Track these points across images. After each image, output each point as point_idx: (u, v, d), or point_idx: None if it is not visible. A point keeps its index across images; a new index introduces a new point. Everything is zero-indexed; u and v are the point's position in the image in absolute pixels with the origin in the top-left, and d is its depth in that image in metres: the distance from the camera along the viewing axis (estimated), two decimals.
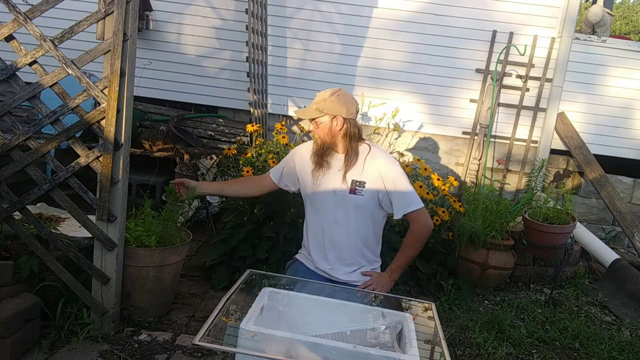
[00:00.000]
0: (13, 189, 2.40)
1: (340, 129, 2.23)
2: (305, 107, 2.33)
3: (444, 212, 3.56)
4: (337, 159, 2.28)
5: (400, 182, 2.25)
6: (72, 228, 2.65)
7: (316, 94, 2.29)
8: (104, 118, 2.34)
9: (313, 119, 2.26)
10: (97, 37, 2.37)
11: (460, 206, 3.72)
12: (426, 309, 1.93)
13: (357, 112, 2.30)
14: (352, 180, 2.25)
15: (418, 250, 2.34)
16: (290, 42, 4.89)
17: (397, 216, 2.26)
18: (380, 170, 2.24)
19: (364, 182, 2.24)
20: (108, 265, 2.47)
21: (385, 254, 2.61)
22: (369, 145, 2.31)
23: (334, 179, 2.27)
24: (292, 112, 4.96)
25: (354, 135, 2.25)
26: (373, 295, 2.16)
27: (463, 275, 3.68)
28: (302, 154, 2.39)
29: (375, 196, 2.25)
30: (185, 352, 2.45)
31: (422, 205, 2.28)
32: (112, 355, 2.34)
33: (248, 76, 4.10)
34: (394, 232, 3.33)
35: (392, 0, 4.79)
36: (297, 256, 2.44)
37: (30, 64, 2.32)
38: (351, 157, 2.24)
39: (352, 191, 2.24)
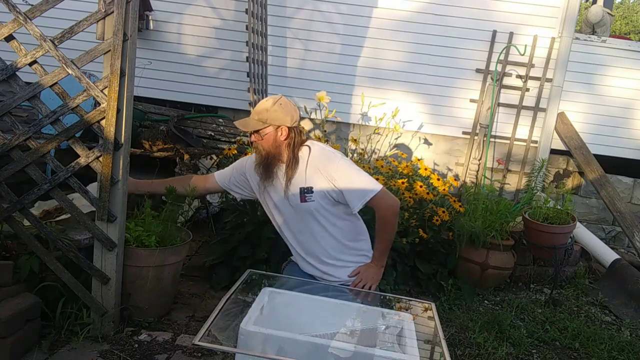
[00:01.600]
0: (13, 189, 2.40)
1: (286, 139, 2.15)
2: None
3: (444, 212, 3.56)
4: (282, 169, 2.21)
5: (347, 175, 2.16)
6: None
7: (257, 105, 2.18)
8: (104, 118, 2.34)
9: (256, 131, 2.16)
10: (97, 37, 2.37)
11: (460, 206, 3.72)
12: (426, 309, 1.93)
13: (300, 118, 2.23)
14: (300, 189, 2.17)
15: (392, 232, 2.25)
16: (290, 42, 4.88)
17: (357, 209, 2.16)
18: (323, 172, 2.15)
19: (311, 187, 2.15)
20: (108, 265, 2.47)
21: None
22: (309, 147, 2.21)
23: (282, 190, 2.21)
24: None
25: (297, 144, 2.18)
26: (373, 294, 2.16)
27: (463, 275, 3.68)
28: (250, 166, 2.33)
29: (326, 197, 2.16)
30: (185, 352, 2.45)
31: (379, 188, 2.15)
32: (112, 355, 2.34)
33: (248, 76, 4.10)
34: None
35: (392, 0, 4.79)
36: (291, 257, 2.43)
37: (30, 64, 2.32)
38: (292, 165, 2.17)
39: (303, 199, 2.16)
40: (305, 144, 2.22)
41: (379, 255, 2.25)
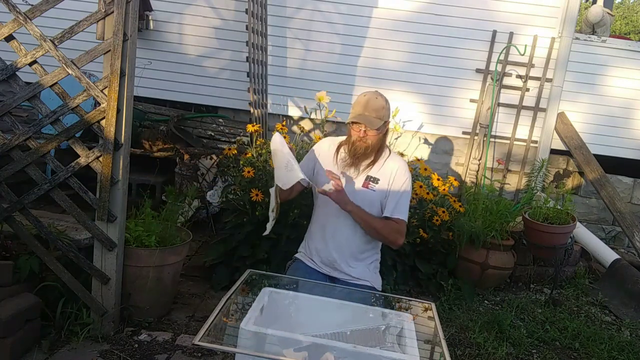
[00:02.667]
0: (13, 189, 2.40)
1: (386, 133, 2.30)
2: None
3: (444, 212, 3.55)
4: (367, 159, 2.29)
5: (403, 189, 2.28)
6: None
7: (365, 100, 2.20)
8: (104, 118, 2.34)
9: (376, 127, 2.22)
10: (97, 37, 2.37)
11: (460, 206, 3.71)
12: (426, 309, 1.93)
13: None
14: (367, 176, 2.29)
15: (373, 232, 2.27)
16: (291, 42, 4.88)
17: (385, 214, 2.28)
18: (395, 171, 2.29)
19: (378, 179, 2.28)
20: (108, 265, 2.47)
21: (384, 253, 2.60)
22: (389, 149, 2.38)
23: (352, 174, 2.31)
24: (292, 112, 4.96)
25: (387, 137, 2.34)
26: (372, 294, 2.16)
27: (463, 275, 3.68)
28: (324, 150, 2.38)
29: (383, 195, 2.28)
30: (185, 352, 2.45)
31: (406, 220, 2.30)
32: (112, 355, 2.34)
33: (248, 76, 4.10)
34: None
35: (392, 0, 4.79)
36: (297, 255, 2.44)
37: (30, 64, 2.32)
38: (377, 156, 2.29)
39: (366, 185, 2.28)
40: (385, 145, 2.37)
41: (357, 207, 2.22)
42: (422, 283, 3.56)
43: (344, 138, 2.38)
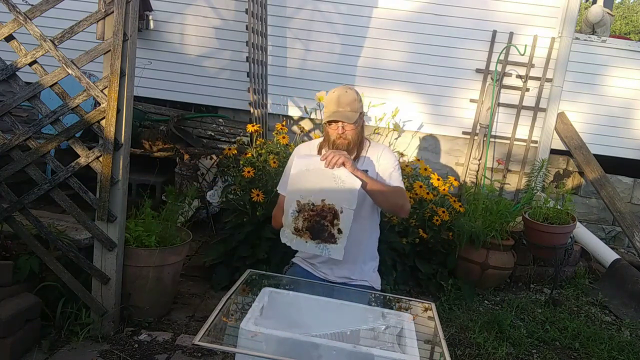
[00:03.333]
0: (13, 189, 2.40)
1: (362, 125, 2.25)
2: (336, 110, 2.15)
3: (444, 212, 3.56)
4: (350, 155, 2.22)
5: (392, 166, 2.25)
6: None
7: (336, 97, 2.17)
8: (104, 118, 2.34)
9: (352, 122, 2.18)
10: (97, 37, 2.37)
11: (460, 206, 3.71)
12: (426, 309, 1.93)
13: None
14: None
15: (382, 197, 2.17)
16: (291, 42, 4.89)
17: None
18: (380, 154, 2.26)
19: (367, 170, 2.23)
20: (108, 265, 2.47)
21: (384, 253, 2.59)
22: (368, 140, 2.34)
23: None
24: (292, 112, 4.96)
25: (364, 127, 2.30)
26: (372, 294, 2.16)
27: (463, 275, 3.68)
28: (305, 153, 2.32)
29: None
30: (185, 352, 2.45)
31: (404, 188, 2.26)
32: (112, 355, 2.34)
33: (248, 76, 4.10)
34: (394, 232, 3.33)
35: (392, 0, 4.79)
36: (294, 260, 2.41)
37: (30, 64, 2.32)
38: (360, 150, 2.26)
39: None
40: (365, 137, 2.32)
41: (365, 175, 2.12)
42: (422, 283, 3.56)
43: (320, 140, 2.33)
